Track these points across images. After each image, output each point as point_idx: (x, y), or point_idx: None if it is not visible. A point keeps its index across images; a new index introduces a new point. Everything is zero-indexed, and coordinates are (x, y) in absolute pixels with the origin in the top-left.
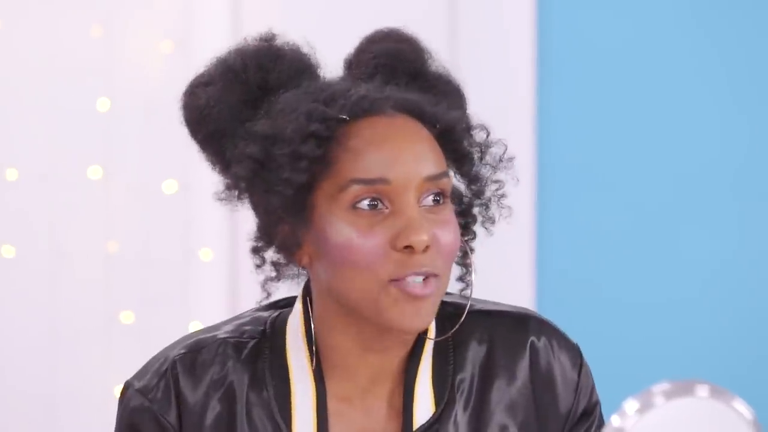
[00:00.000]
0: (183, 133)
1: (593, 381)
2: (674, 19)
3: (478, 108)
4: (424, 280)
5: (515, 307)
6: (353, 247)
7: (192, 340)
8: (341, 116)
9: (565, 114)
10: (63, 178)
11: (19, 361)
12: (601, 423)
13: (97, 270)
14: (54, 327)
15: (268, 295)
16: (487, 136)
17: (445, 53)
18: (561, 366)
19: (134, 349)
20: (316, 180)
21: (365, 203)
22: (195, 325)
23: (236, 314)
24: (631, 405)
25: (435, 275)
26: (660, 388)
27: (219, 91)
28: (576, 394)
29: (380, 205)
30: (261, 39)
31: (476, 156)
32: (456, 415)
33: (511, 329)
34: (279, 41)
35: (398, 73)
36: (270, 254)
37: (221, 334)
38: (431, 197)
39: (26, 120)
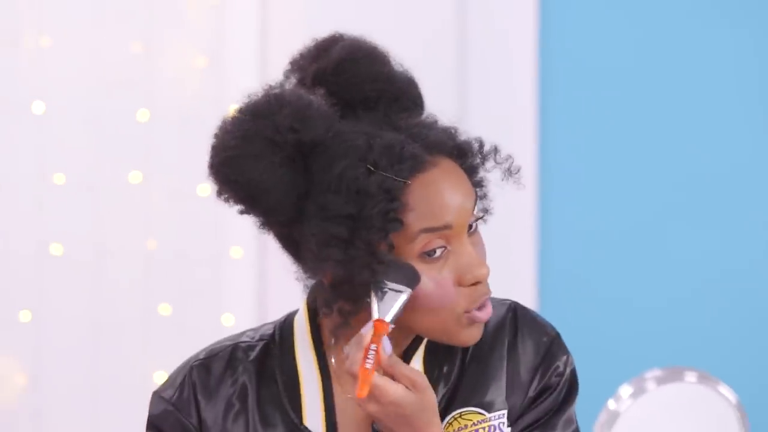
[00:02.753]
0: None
1: (565, 361)
2: (675, 25)
3: (482, 114)
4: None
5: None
6: (429, 295)
7: (210, 348)
8: (405, 181)
9: (567, 118)
10: (106, 183)
11: (65, 349)
12: (569, 394)
13: (137, 266)
14: (98, 318)
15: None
16: (496, 153)
17: (453, 64)
18: (526, 345)
19: (171, 339)
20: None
21: (438, 252)
22: (226, 317)
23: (263, 308)
24: (625, 390)
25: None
26: (652, 374)
27: (268, 165)
28: (536, 372)
29: (446, 249)
30: (284, 95)
31: (479, 162)
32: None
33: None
34: (301, 93)
35: (389, 95)
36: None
37: (238, 339)
38: (472, 224)
39: (73, 129)
